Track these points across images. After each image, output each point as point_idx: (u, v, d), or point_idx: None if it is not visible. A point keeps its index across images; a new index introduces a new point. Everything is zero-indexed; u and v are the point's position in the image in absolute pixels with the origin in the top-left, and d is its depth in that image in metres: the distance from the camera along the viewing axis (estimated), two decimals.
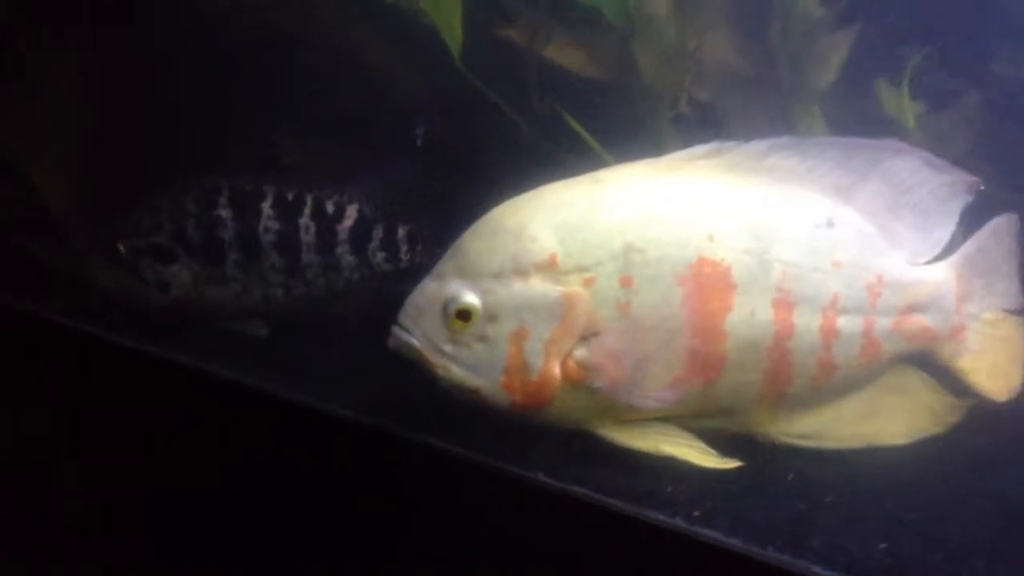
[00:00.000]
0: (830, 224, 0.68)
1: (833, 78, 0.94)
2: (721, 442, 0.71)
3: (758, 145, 0.69)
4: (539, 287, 0.68)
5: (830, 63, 0.93)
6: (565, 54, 1.01)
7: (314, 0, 1.05)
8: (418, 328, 0.71)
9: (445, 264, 0.71)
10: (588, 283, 0.67)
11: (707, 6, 0.97)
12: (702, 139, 0.98)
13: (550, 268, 0.68)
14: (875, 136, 0.97)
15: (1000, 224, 0.72)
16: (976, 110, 0.97)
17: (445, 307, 0.70)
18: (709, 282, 0.67)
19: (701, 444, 0.69)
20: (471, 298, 0.69)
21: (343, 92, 1.02)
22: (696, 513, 0.65)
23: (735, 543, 0.62)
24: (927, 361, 0.73)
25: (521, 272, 0.68)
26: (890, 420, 0.71)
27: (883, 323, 0.69)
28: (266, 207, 0.88)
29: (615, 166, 0.70)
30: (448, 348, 0.70)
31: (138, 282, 0.89)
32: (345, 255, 0.90)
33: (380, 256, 0.92)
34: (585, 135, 0.97)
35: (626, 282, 0.67)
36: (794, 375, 0.68)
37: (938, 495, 0.70)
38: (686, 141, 0.98)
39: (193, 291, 0.89)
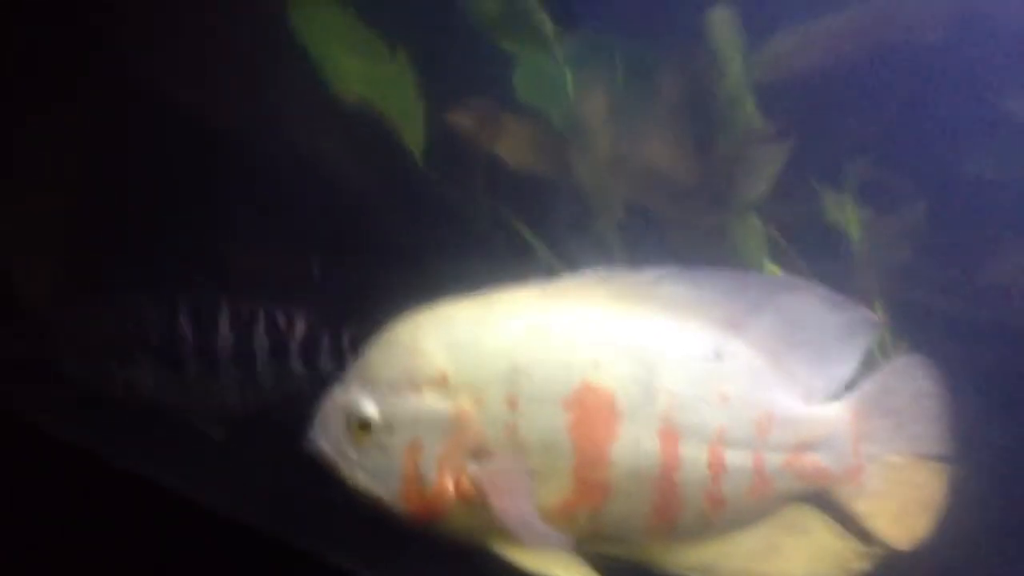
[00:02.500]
0: (718, 356, 0.69)
1: (768, 188, 0.96)
2: (619, 570, 0.71)
3: (649, 273, 0.71)
4: (431, 402, 0.70)
5: (767, 173, 0.96)
6: (515, 153, 1.06)
7: (273, 105, 1.11)
8: (327, 434, 0.73)
9: (350, 373, 0.74)
10: (476, 403, 0.69)
11: (645, 114, 1.02)
12: (645, 247, 1.01)
13: (441, 384, 0.70)
14: (820, 242, 1.00)
15: (908, 363, 0.72)
16: (921, 216, 0.98)
17: (348, 416, 0.73)
18: (594, 408, 0.68)
19: (592, 572, 0.70)
20: (370, 409, 0.71)
21: (295, 195, 1.08)
22: None
23: None
24: (831, 503, 0.72)
25: (415, 386, 0.71)
26: (788, 560, 0.71)
27: (773, 460, 0.70)
28: (223, 320, 0.97)
29: (508, 288, 0.72)
30: (353, 455, 0.73)
31: (106, 380, 0.98)
32: (296, 365, 0.98)
33: (329, 366, 0.99)
34: (529, 237, 1.02)
35: (511, 405, 0.69)
36: (682, 507, 0.69)
37: None
38: (629, 248, 1.03)
39: (154, 393, 0.99)
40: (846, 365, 0.71)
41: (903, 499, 0.70)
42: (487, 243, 1.08)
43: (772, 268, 1.00)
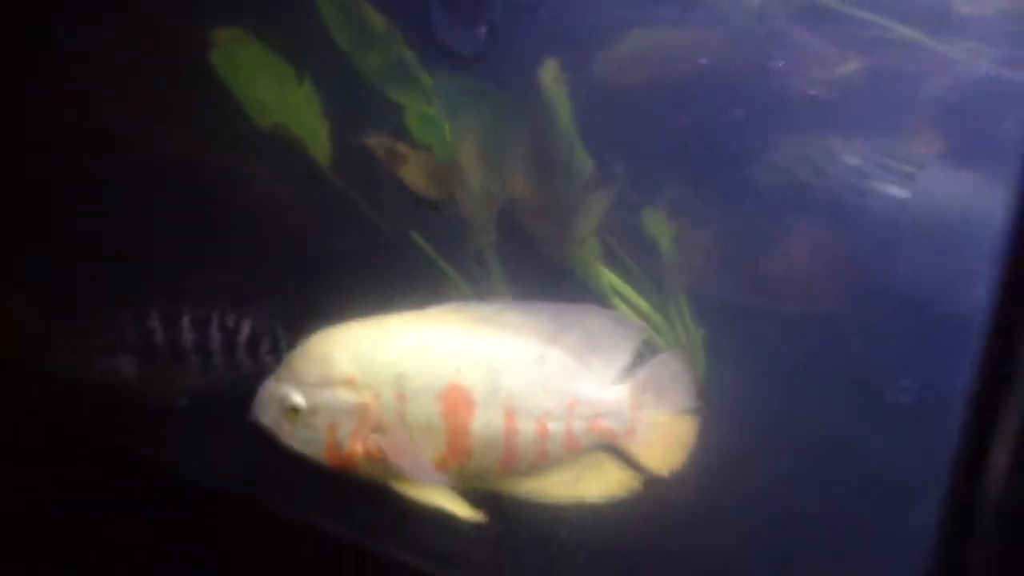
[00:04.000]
0: (542, 361, 1.00)
1: (598, 222, 1.18)
2: (477, 498, 1.02)
3: (493, 304, 1.01)
4: (343, 396, 0.98)
5: (597, 213, 1.19)
6: (413, 178, 1.23)
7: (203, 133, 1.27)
8: (266, 413, 1.00)
9: (281, 371, 1.01)
10: (376, 397, 0.98)
11: (505, 152, 1.20)
12: (513, 257, 1.23)
13: (351, 384, 0.98)
14: (642, 248, 1.26)
15: (666, 357, 1.04)
16: (718, 225, 1.18)
17: (282, 402, 0.98)
18: (458, 400, 0.98)
19: (461, 501, 1.00)
20: (299, 399, 0.98)
21: (234, 216, 1.27)
22: None
23: None
24: (617, 450, 1.04)
25: (331, 385, 0.98)
26: (590, 486, 1.03)
27: (579, 426, 1.01)
28: (185, 322, 1.23)
29: (398, 313, 1.01)
30: (287, 428, 0.99)
31: (94, 370, 1.24)
32: (243, 357, 1.24)
33: (268, 358, 1.25)
34: (431, 254, 1.24)
35: (400, 398, 0.97)
36: (520, 459, 1.00)
37: (620, 532, 1.04)
38: (500, 258, 1.26)
39: (134, 378, 1.24)
40: (624, 359, 1.02)
41: (664, 443, 1.02)
42: (388, 247, 1.25)
43: (607, 273, 1.23)
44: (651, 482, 1.01)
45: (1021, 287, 0.89)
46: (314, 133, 1.23)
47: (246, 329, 1.24)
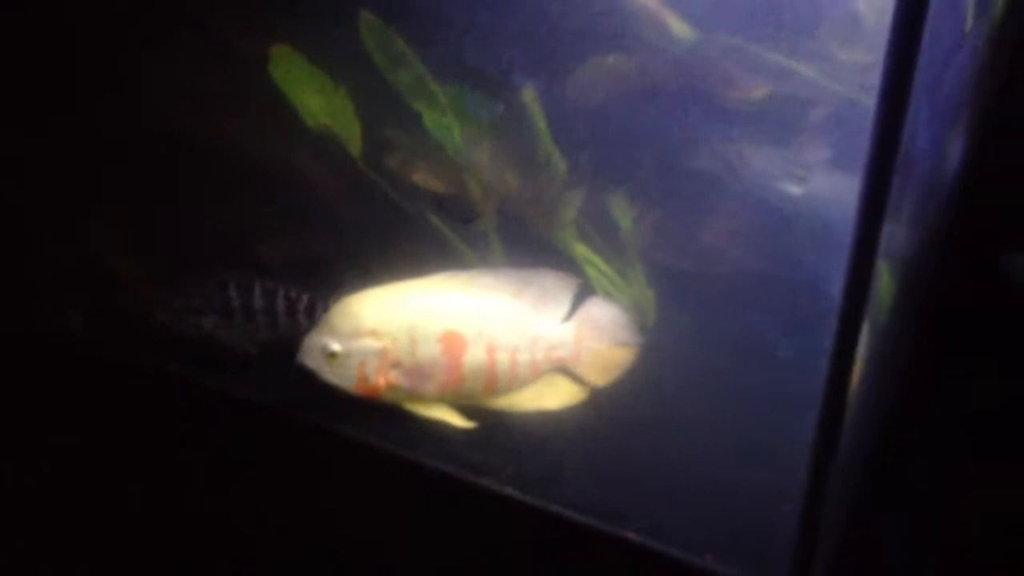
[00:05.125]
0: (511, 309, 1.30)
1: (575, 212, 1.34)
2: (466, 411, 1.30)
3: (475, 272, 1.32)
4: (369, 343, 1.24)
5: (571, 209, 1.38)
6: (426, 180, 1.40)
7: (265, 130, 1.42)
8: (311, 357, 1.26)
9: (321, 326, 1.26)
10: (393, 342, 1.24)
11: (504, 153, 1.36)
12: (512, 236, 1.43)
13: (374, 334, 1.24)
14: (608, 227, 1.41)
15: (596, 300, 1.33)
16: (668, 208, 1.35)
17: (323, 349, 1.25)
18: (454, 342, 1.25)
19: (457, 413, 1.29)
20: (336, 346, 1.24)
21: (288, 199, 1.44)
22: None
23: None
24: (568, 371, 1.34)
25: (360, 335, 1.24)
26: (549, 399, 1.32)
27: (540, 356, 1.30)
28: (257, 290, 1.49)
29: (408, 280, 1.27)
30: (326, 368, 1.26)
31: (185, 325, 1.52)
32: (301, 318, 1.50)
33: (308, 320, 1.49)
34: (447, 233, 1.42)
35: (412, 342, 1.24)
36: (498, 382, 1.30)
37: (571, 431, 1.38)
38: (501, 237, 1.44)
39: (213, 331, 1.52)
40: (566, 304, 1.33)
41: (602, 366, 1.33)
42: (412, 226, 1.41)
43: (581, 247, 1.38)
44: (593, 394, 1.33)
45: (865, 269, 1.11)
46: (349, 131, 1.39)
47: (304, 298, 1.46)
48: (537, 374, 1.29)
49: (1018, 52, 1.62)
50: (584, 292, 1.36)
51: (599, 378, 1.31)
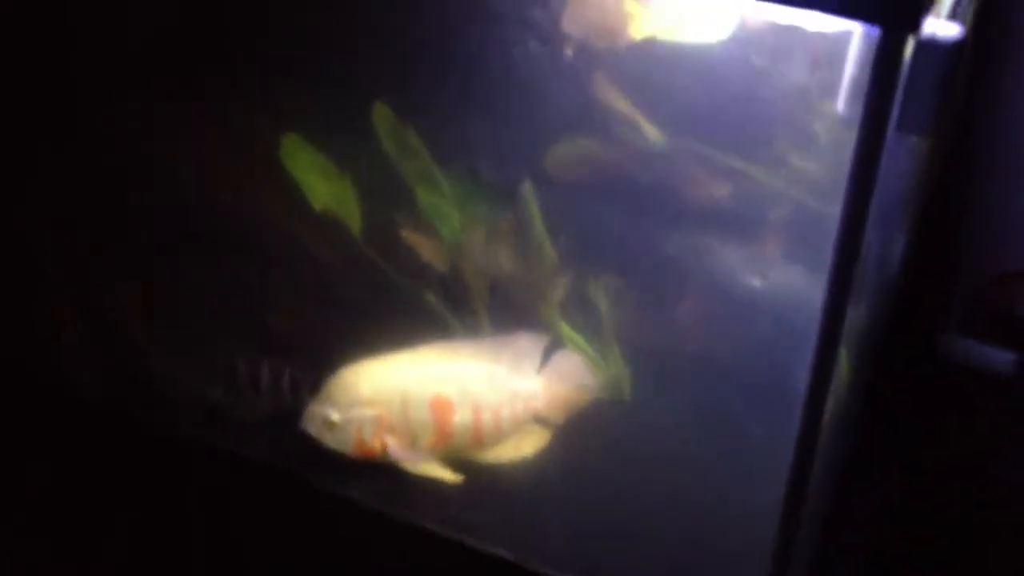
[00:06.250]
0: (490, 372, 1.44)
1: (561, 295, 1.43)
2: (454, 464, 1.37)
3: (458, 343, 1.46)
4: (367, 412, 1.33)
5: (560, 292, 1.50)
6: (427, 255, 1.46)
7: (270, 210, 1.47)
8: (312, 424, 1.34)
9: (321, 396, 1.35)
10: (388, 410, 1.33)
11: (500, 239, 1.45)
12: (500, 310, 1.51)
13: (370, 404, 1.32)
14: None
15: (565, 353, 1.47)
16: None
17: (323, 419, 1.33)
18: (442, 406, 1.34)
19: (444, 468, 1.36)
20: (335, 416, 1.33)
21: (289, 277, 1.49)
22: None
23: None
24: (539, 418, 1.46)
25: (357, 405, 1.33)
26: (525, 446, 1.44)
27: (519, 409, 1.43)
28: (264, 371, 1.55)
29: (399, 351, 1.38)
30: (327, 434, 1.33)
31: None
32: (303, 393, 1.52)
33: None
34: (440, 309, 1.46)
35: (405, 409, 1.33)
36: (484, 438, 1.41)
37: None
38: (489, 312, 1.53)
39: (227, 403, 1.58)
40: (539, 358, 1.46)
41: (566, 406, 1.47)
42: (409, 303, 1.47)
43: (565, 326, 1.46)
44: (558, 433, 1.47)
45: (829, 356, 1.17)
46: (348, 211, 1.45)
47: (306, 381, 1.55)
48: (517, 426, 1.40)
49: (950, 157, 1.78)
50: (551, 346, 1.52)
51: (560, 417, 1.43)
